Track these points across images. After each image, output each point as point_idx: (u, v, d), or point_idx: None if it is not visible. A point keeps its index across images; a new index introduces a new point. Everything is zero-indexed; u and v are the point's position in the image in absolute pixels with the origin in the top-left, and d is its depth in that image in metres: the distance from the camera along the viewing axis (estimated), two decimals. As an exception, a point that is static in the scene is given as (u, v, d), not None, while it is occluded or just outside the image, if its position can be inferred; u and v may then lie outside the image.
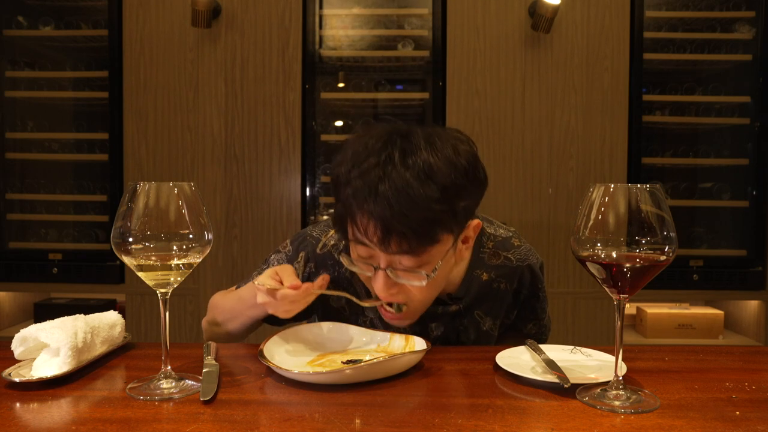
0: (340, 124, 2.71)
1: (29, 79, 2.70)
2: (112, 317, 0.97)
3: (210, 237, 0.80)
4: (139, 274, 0.79)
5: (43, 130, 2.69)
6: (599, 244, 0.74)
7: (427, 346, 0.92)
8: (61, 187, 2.69)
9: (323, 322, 1.05)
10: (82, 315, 0.92)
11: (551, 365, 0.85)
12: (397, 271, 0.95)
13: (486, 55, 2.50)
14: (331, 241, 1.14)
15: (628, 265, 0.73)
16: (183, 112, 2.52)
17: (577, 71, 2.49)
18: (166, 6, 2.50)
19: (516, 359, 0.91)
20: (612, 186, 0.74)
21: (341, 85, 2.69)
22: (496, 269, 1.15)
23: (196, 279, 2.53)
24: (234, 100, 2.52)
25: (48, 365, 0.82)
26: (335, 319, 1.15)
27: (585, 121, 2.50)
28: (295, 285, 0.94)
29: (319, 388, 0.81)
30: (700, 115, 2.61)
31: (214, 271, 2.53)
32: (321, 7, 2.59)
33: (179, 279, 0.80)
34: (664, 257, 0.73)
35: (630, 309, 2.79)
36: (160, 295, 0.80)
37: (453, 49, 2.50)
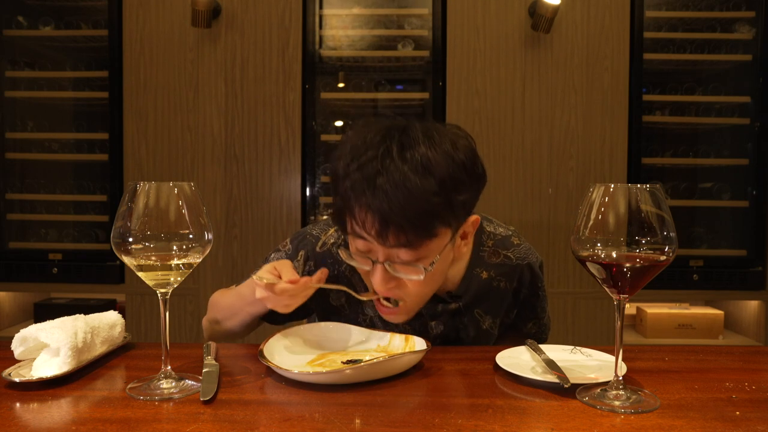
0: (340, 124, 2.71)
1: (29, 79, 2.69)
2: (112, 317, 0.97)
3: (210, 237, 0.80)
4: (139, 274, 0.79)
5: (43, 130, 2.69)
6: (599, 244, 0.74)
7: (427, 346, 0.92)
8: (61, 187, 2.69)
9: (323, 322, 1.05)
10: (82, 315, 0.92)
11: (551, 365, 0.85)
12: (395, 265, 0.95)
13: (486, 55, 2.50)
14: (330, 240, 1.15)
15: (628, 265, 0.73)
16: (183, 112, 2.52)
17: (577, 71, 2.49)
18: (166, 6, 2.50)
19: (516, 359, 0.91)
20: (612, 186, 0.74)
21: (341, 85, 2.69)
22: (496, 268, 1.15)
23: (196, 279, 2.53)
24: (234, 100, 2.52)
25: (48, 365, 0.82)
26: (335, 317, 1.15)
27: (585, 121, 2.50)
28: (293, 279, 0.95)
29: (319, 388, 0.81)
30: (700, 115, 2.61)
31: (214, 271, 2.53)
32: (321, 7, 2.59)
33: (179, 279, 0.80)
34: (664, 257, 0.73)
35: (630, 309, 2.79)
36: (160, 295, 0.80)
37: (453, 49, 2.50)
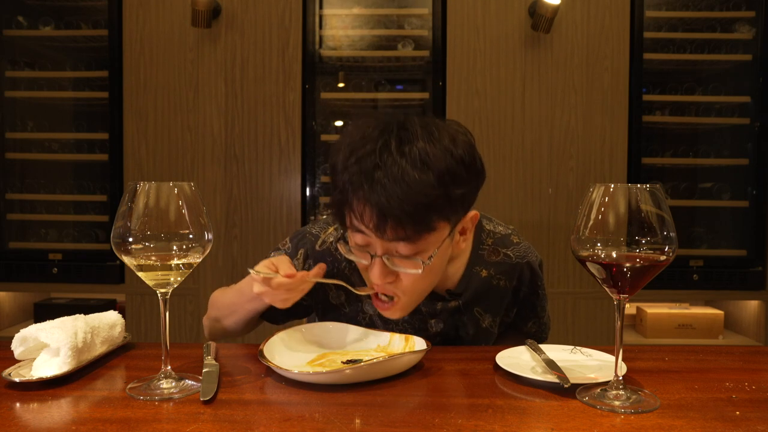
0: (340, 124, 2.71)
1: (29, 79, 2.69)
2: (112, 317, 0.97)
3: (210, 237, 0.80)
4: (139, 274, 0.79)
5: (43, 130, 2.69)
6: (599, 244, 0.74)
7: (427, 346, 0.92)
8: (61, 187, 2.69)
9: (323, 322, 1.05)
10: (82, 315, 0.92)
11: (551, 365, 0.85)
12: (394, 259, 0.95)
13: (486, 55, 2.50)
14: (329, 238, 1.15)
15: (628, 265, 0.73)
16: (183, 112, 2.52)
17: (577, 71, 2.49)
18: (166, 6, 2.50)
19: (516, 359, 0.91)
20: (612, 186, 0.74)
21: (341, 85, 2.69)
22: (496, 266, 1.16)
23: (196, 279, 2.53)
24: (234, 100, 2.52)
25: (48, 365, 0.82)
26: (335, 315, 1.15)
27: (585, 121, 2.50)
28: (290, 273, 0.95)
29: (319, 388, 0.81)
30: (700, 115, 2.61)
31: (214, 271, 2.53)
32: (321, 7, 2.59)
33: (179, 279, 0.80)
34: (664, 257, 0.73)
35: (630, 309, 2.79)
36: (160, 295, 0.80)
37: (453, 49, 2.50)
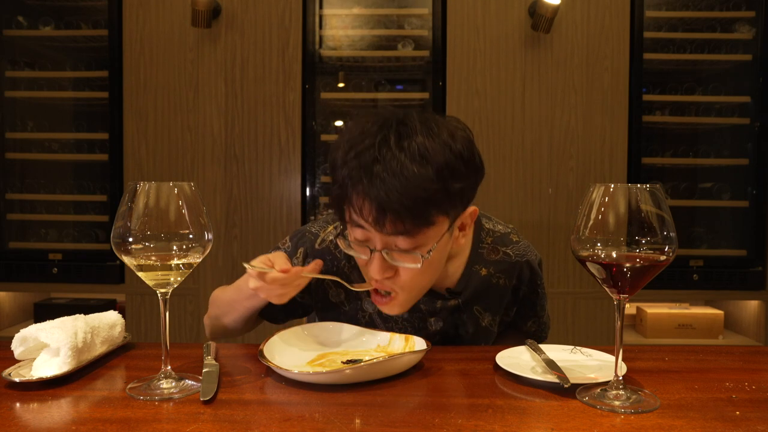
0: (340, 124, 2.71)
1: (29, 79, 2.69)
2: (112, 317, 0.97)
3: (210, 237, 0.80)
4: (139, 274, 0.79)
5: (43, 130, 2.69)
6: (599, 244, 0.74)
7: (427, 346, 0.92)
8: (61, 187, 2.69)
9: (323, 322, 1.05)
10: (82, 315, 0.92)
11: (551, 365, 0.85)
12: (393, 253, 0.95)
13: (486, 55, 2.50)
14: (329, 237, 1.15)
15: (628, 265, 0.73)
16: (183, 112, 2.52)
17: (577, 71, 2.49)
18: (166, 6, 2.50)
19: (516, 359, 0.91)
20: (612, 186, 0.74)
21: (341, 85, 2.69)
22: (495, 264, 1.16)
23: (196, 279, 2.53)
24: (234, 100, 2.52)
25: (48, 365, 0.82)
26: (334, 313, 1.15)
27: (585, 121, 2.50)
28: (284, 268, 0.95)
29: (319, 388, 0.81)
30: (700, 115, 2.61)
31: (214, 271, 2.53)
32: (321, 7, 2.59)
33: (179, 279, 0.80)
34: (664, 257, 0.73)
35: (630, 309, 2.79)
36: (160, 295, 0.80)
37: (453, 49, 2.50)
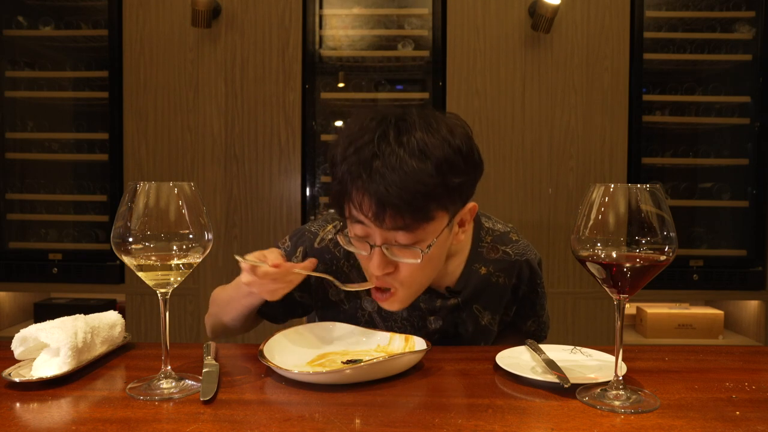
0: (340, 124, 2.71)
1: (29, 79, 2.69)
2: (112, 317, 0.97)
3: (210, 237, 0.80)
4: (139, 274, 0.79)
5: (43, 130, 2.69)
6: (599, 244, 0.74)
7: (427, 346, 0.92)
8: (61, 187, 2.69)
9: (323, 322, 1.05)
10: (82, 315, 0.92)
11: (551, 365, 0.85)
12: (393, 249, 0.95)
13: (486, 55, 2.50)
14: (328, 236, 1.15)
15: (628, 265, 0.73)
16: (183, 112, 2.52)
17: (577, 71, 2.49)
18: (166, 6, 2.50)
19: (516, 359, 0.91)
20: (612, 186, 0.74)
21: (341, 85, 2.69)
22: (495, 263, 1.16)
23: (196, 279, 2.53)
24: (234, 100, 2.52)
25: (48, 365, 0.82)
26: (334, 311, 1.15)
27: (585, 121, 2.50)
28: (276, 263, 0.95)
29: (319, 388, 0.81)
30: (700, 115, 2.61)
31: (214, 271, 2.53)
32: (321, 7, 2.59)
33: (179, 279, 0.80)
34: (664, 257, 0.73)
35: (630, 309, 2.79)
36: (160, 295, 0.80)
37: (453, 49, 2.50)
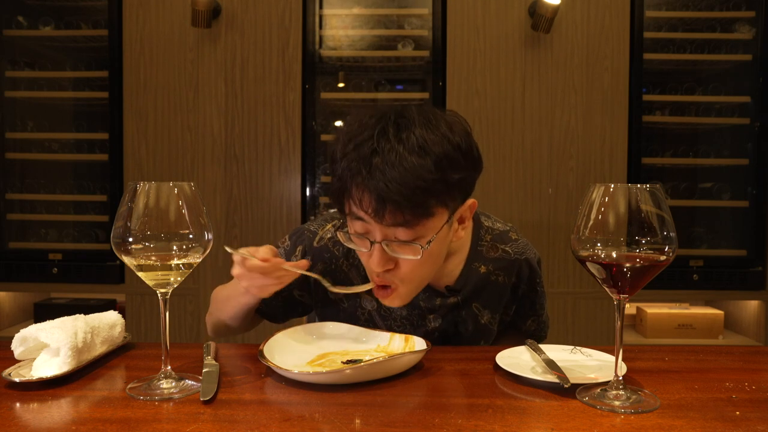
0: (340, 124, 2.71)
1: (29, 79, 2.69)
2: (112, 317, 0.97)
3: (210, 237, 0.80)
4: (139, 274, 0.79)
5: (43, 130, 2.69)
6: (599, 244, 0.74)
7: (427, 346, 0.92)
8: (61, 187, 2.69)
9: (323, 322, 1.05)
10: (82, 315, 0.92)
11: (551, 365, 0.85)
12: (393, 245, 0.95)
13: (486, 55, 2.50)
14: (327, 235, 1.15)
15: (628, 265, 0.73)
16: (183, 112, 2.52)
17: (577, 71, 2.49)
18: (166, 6, 2.50)
19: (516, 359, 0.91)
20: (612, 186, 0.74)
21: (341, 85, 2.69)
22: (494, 262, 1.16)
23: (196, 279, 2.52)
24: (234, 100, 2.52)
25: (48, 365, 0.82)
26: (333, 310, 1.15)
27: (585, 121, 2.50)
28: (265, 258, 0.95)
29: (319, 388, 0.81)
30: (700, 115, 2.61)
31: (214, 271, 2.53)
32: (321, 7, 2.59)
33: (179, 279, 0.80)
34: (664, 257, 0.73)
35: (630, 309, 2.79)
36: (160, 295, 0.80)
37: (453, 49, 2.50)
